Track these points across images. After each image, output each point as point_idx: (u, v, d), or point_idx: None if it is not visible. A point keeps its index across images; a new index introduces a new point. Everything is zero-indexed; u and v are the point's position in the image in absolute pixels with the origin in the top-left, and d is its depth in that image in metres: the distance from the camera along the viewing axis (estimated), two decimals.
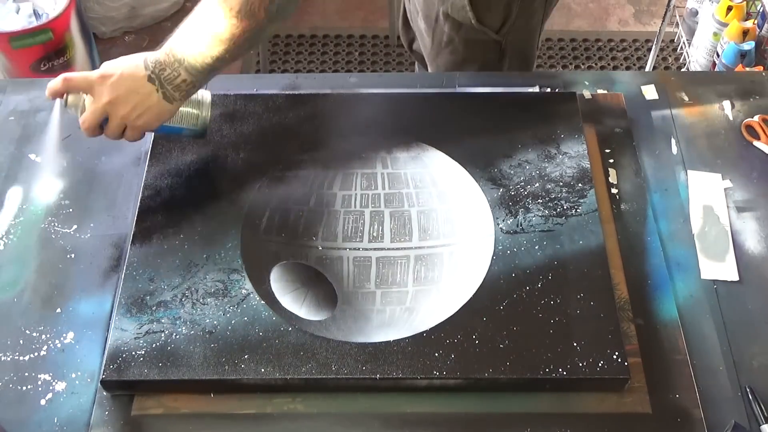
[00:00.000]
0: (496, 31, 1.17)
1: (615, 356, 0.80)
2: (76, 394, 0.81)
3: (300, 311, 0.84)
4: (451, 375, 0.79)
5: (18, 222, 0.95)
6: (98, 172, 1.00)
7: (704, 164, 1.01)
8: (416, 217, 0.91)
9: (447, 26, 1.18)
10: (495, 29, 1.17)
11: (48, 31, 1.89)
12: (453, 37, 1.19)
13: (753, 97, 1.09)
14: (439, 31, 1.20)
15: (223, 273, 0.87)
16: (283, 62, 2.36)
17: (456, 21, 1.17)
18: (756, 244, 0.93)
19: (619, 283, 0.88)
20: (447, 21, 1.18)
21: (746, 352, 0.84)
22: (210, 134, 0.99)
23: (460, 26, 1.17)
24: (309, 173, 0.96)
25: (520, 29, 1.19)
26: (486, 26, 1.16)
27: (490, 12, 1.15)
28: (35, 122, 1.06)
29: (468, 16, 1.14)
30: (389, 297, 0.85)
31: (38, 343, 0.84)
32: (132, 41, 2.38)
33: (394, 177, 0.95)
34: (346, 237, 0.90)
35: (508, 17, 1.16)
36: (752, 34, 1.96)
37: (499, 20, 1.16)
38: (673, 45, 2.41)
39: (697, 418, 0.79)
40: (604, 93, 1.09)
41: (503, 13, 1.15)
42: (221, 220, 0.91)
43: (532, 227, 0.91)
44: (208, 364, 0.79)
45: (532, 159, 0.97)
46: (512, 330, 0.82)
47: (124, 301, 0.84)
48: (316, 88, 1.10)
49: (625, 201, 0.97)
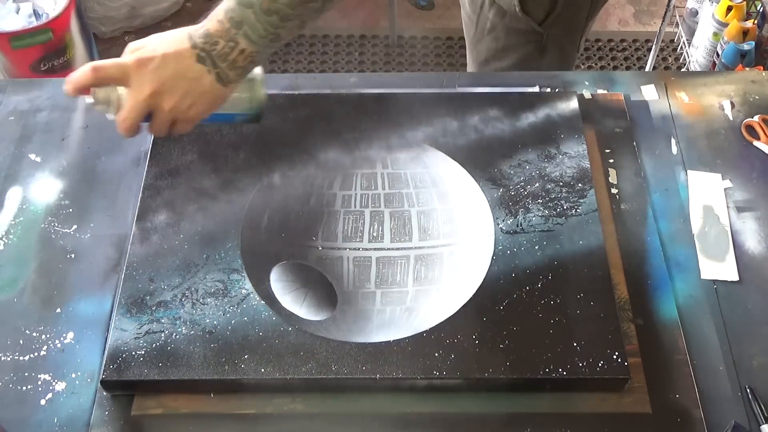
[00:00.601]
0: (539, 22, 1.17)
1: (615, 356, 0.80)
2: (76, 394, 0.81)
3: (300, 311, 0.84)
4: (451, 375, 0.79)
5: (18, 222, 0.95)
6: (98, 172, 1.00)
7: (704, 164, 1.01)
8: (416, 217, 0.91)
9: (492, 13, 1.19)
10: (538, 20, 1.17)
11: (48, 31, 1.89)
12: (496, 24, 1.19)
13: (753, 97, 1.09)
14: (483, 17, 1.21)
15: (223, 273, 0.87)
16: (283, 62, 2.36)
17: (501, 8, 1.17)
18: (756, 244, 0.93)
19: (619, 283, 0.88)
20: (492, 7, 1.18)
21: (746, 352, 0.84)
22: (210, 134, 0.98)
23: (504, 14, 1.17)
24: (309, 173, 0.96)
25: (563, 24, 1.19)
26: (529, 16, 1.16)
27: (535, 1, 1.14)
28: (35, 122, 1.06)
29: (513, 3, 1.14)
30: (389, 297, 0.85)
31: (38, 343, 0.84)
32: (132, 41, 2.38)
33: (394, 177, 0.95)
34: (346, 237, 0.90)
35: (552, 9, 1.16)
36: (752, 34, 1.96)
37: (543, 11, 1.16)
38: (673, 45, 2.41)
39: (697, 418, 0.79)
40: (604, 93, 1.09)
41: (549, 4, 1.15)
42: (221, 220, 0.91)
43: (532, 227, 0.91)
44: (208, 364, 0.79)
45: (532, 159, 0.97)
46: (512, 330, 0.82)
47: (124, 301, 0.84)
48: (316, 88, 1.10)
49: (625, 201, 0.97)
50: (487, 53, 1.24)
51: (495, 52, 1.23)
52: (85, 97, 0.76)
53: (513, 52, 1.21)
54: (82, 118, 1.06)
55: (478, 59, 1.29)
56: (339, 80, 1.13)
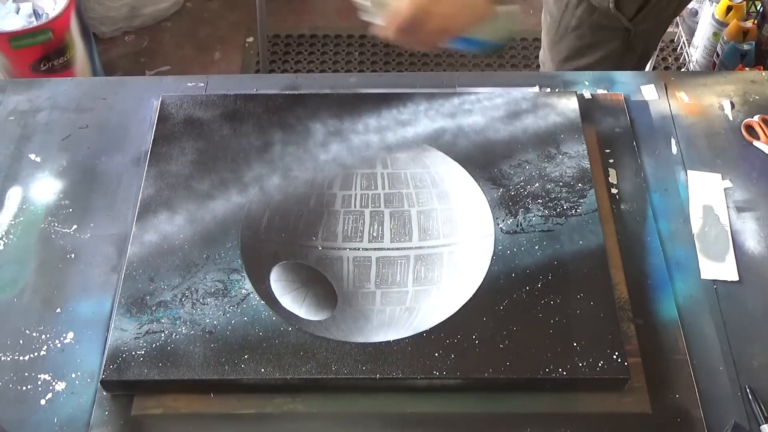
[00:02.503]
0: (630, 18, 1.16)
1: (615, 356, 0.80)
2: (76, 394, 0.81)
3: (300, 311, 0.84)
4: (451, 375, 0.79)
5: (18, 222, 0.95)
6: (98, 172, 1.00)
7: (704, 164, 1.01)
8: (416, 217, 0.91)
9: (579, 10, 1.18)
10: (629, 16, 1.16)
11: (48, 31, 1.89)
12: (584, 20, 1.18)
13: (753, 97, 1.09)
14: (569, 15, 1.20)
15: (223, 273, 0.87)
16: (283, 62, 2.36)
17: (591, 5, 1.16)
18: (756, 244, 0.93)
19: (619, 283, 0.88)
20: (581, 4, 1.17)
21: (746, 352, 0.84)
22: (210, 134, 0.99)
23: (593, 11, 1.16)
24: (309, 173, 0.96)
25: (652, 20, 1.18)
26: (621, 12, 1.15)
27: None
28: (35, 122, 1.06)
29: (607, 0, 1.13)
30: (389, 297, 0.85)
31: (38, 343, 0.84)
32: (132, 41, 2.38)
33: (394, 177, 0.95)
34: (346, 237, 0.90)
35: (645, 4, 1.15)
36: (752, 34, 1.96)
37: (635, 7, 1.15)
38: (673, 45, 2.41)
39: (697, 418, 0.79)
40: (604, 93, 1.09)
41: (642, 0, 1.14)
42: (221, 220, 0.91)
43: (532, 227, 0.91)
44: (208, 364, 0.79)
45: (532, 159, 0.97)
46: (512, 330, 0.82)
47: (124, 301, 0.84)
48: (316, 88, 1.10)
49: (625, 201, 0.97)
50: (569, 51, 1.23)
51: (578, 50, 1.22)
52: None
53: (597, 50, 1.20)
54: (82, 118, 1.06)
55: (558, 57, 1.28)
56: (339, 80, 1.13)
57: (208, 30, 2.42)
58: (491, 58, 2.37)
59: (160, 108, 1.03)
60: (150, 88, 1.10)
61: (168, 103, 1.03)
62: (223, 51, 2.38)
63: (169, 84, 1.11)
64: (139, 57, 2.34)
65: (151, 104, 1.07)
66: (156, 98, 1.06)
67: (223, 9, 2.50)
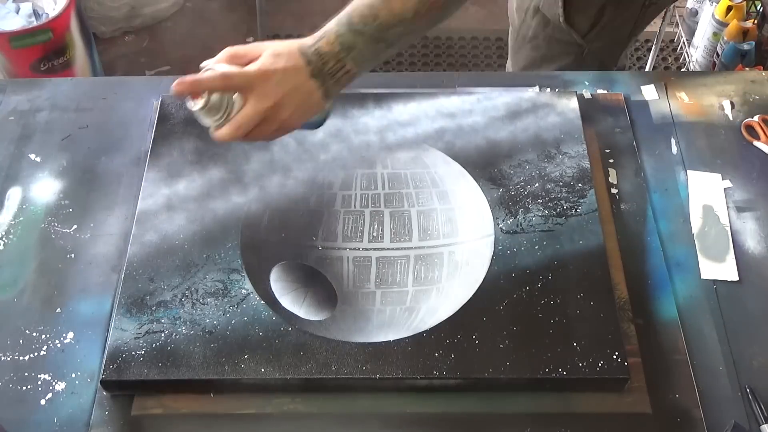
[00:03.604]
0: (582, 34, 1.16)
1: (615, 356, 0.80)
2: (76, 394, 0.81)
3: (300, 311, 0.84)
4: (451, 375, 0.79)
5: (18, 222, 0.95)
6: (98, 172, 1.00)
7: (704, 164, 1.01)
8: (416, 217, 0.91)
9: (535, 21, 1.18)
10: (582, 32, 1.16)
11: (48, 31, 1.89)
12: (538, 33, 1.18)
13: (753, 97, 1.09)
14: (526, 25, 1.21)
15: (223, 273, 0.87)
16: None
17: (545, 17, 1.16)
18: (756, 244, 0.93)
19: (619, 283, 0.88)
20: (536, 16, 1.18)
21: (746, 352, 0.84)
22: (209, 133, 0.98)
23: (547, 23, 1.17)
24: (309, 173, 0.96)
25: (606, 38, 1.18)
26: (573, 27, 1.15)
27: (580, 13, 1.14)
28: (35, 122, 1.06)
29: (557, 13, 1.13)
30: (389, 297, 0.85)
31: (38, 343, 0.84)
32: (132, 41, 2.38)
33: (394, 177, 0.95)
34: (346, 237, 0.90)
35: (597, 22, 1.15)
36: (752, 34, 1.96)
37: (587, 24, 1.15)
38: (673, 45, 2.41)
39: (697, 418, 0.79)
40: (604, 93, 1.09)
41: (593, 17, 1.14)
42: (221, 220, 0.91)
43: (532, 227, 0.91)
44: (208, 364, 0.79)
45: (532, 159, 0.97)
46: (512, 330, 0.82)
47: (124, 301, 0.84)
48: None
49: (625, 201, 0.97)
50: (526, 61, 1.23)
51: (534, 61, 1.22)
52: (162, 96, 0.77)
53: (552, 63, 1.21)
54: (82, 118, 1.06)
55: (517, 66, 1.29)
56: None
57: (208, 30, 2.42)
58: (491, 58, 2.38)
59: (160, 108, 1.03)
60: (150, 88, 1.10)
61: (168, 103, 1.03)
62: None
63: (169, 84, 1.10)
64: (139, 57, 2.34)
65: (151, 104, 1.07)
66: (156, 98, 1.06)
67: (223, 9, 2.50)
